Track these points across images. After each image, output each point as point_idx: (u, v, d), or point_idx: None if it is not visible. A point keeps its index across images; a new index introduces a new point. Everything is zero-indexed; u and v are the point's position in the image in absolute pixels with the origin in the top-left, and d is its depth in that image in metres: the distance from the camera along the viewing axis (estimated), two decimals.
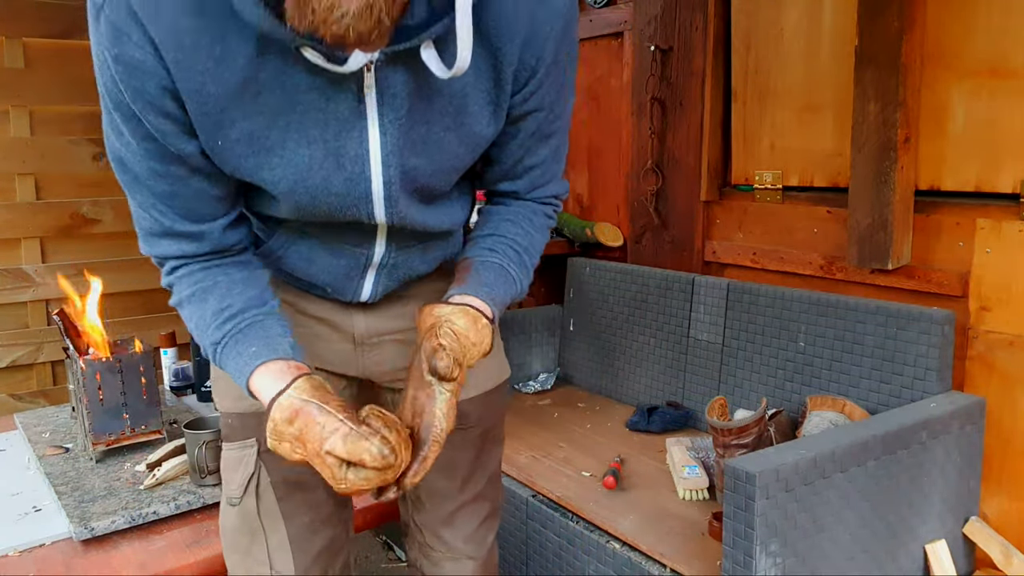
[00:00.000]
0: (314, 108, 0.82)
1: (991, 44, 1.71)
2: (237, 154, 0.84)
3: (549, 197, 1.05)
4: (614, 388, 2.50)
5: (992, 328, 1.76)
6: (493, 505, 1.23)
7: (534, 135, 0.95)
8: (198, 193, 0.88)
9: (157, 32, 0.74)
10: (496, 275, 0.97)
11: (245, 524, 1.08)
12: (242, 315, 0.90)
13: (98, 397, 1.62)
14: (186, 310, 0.93)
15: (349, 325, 1.09)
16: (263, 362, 0.85)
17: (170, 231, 0.89)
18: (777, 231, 2.22)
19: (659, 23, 2.43)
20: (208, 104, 0.79)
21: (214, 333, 0.89)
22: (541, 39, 0.85)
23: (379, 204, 0.90)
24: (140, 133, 0.81)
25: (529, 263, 1.02)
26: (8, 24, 2.82)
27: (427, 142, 0.88)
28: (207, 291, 0.91)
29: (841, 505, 1.45)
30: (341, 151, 0.85)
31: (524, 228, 1.02)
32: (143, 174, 0.85)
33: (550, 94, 0.91)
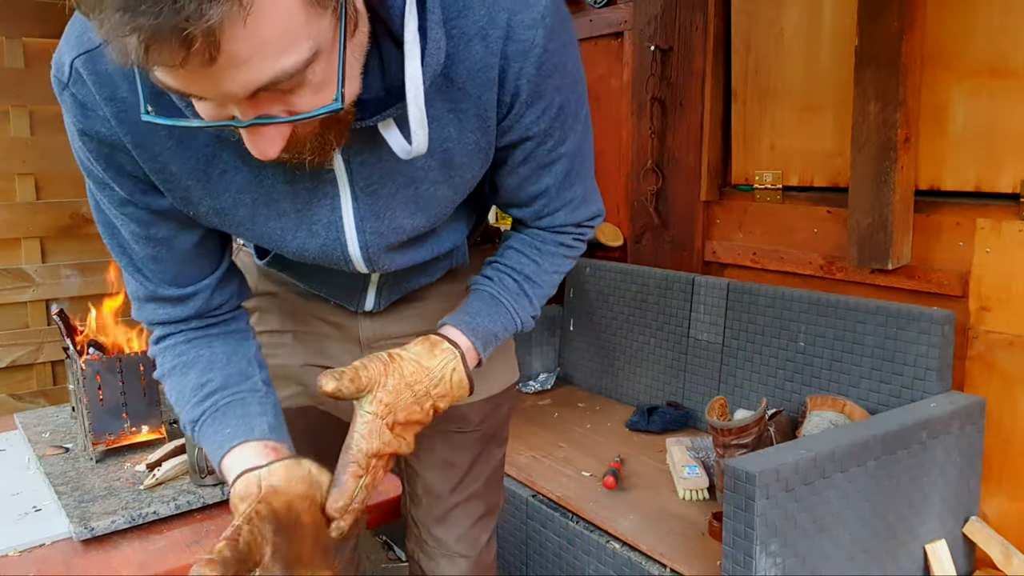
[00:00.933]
0: (281, 181, 0.80)
1: (991, 44, 1.71)
2: (212, 222, 0.84)
3: (563, 226, 0.98)
4: (614, 388, 2.50)
5: (992, 328, 1.76)
6: (488, 506, 1.24)
7: (528, 164, 0.89)
8: (182, 254, 0.87)
9: (112, 111, 0.74)
10: (484, 304, 0.93)
11: None
12: (221, 392, 0.87)
13: (98, 397, 1.62)
14: (168, 384, 0.91)
15: (355, 328, 1.09)
16: (236, 444, 0.82)
17: (155, 295, 0.88)
18: (777, 231, 2.22)
19: (659, 23, 2.43)
20: (172, 182, 0.79)
21: (192, 411, 0.87)
22: (513, 77, 0.79)
23: (359, 263, 0.89)
24: (116, 200, 0.81)
25: (532, 292, 0.97)
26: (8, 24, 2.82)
27: (417, 200, 0.85)
28: (188, 365, 0.89)
29: (841, 505, 1.44)
30: (313, 219, 0.84)
31: (529, 257, 0.97)
32: (126, 239, 0.85)
33: (538, 124, 0.84)
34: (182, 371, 0.89)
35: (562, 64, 0.81)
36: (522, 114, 0.82)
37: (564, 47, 0.81)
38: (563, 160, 0.90)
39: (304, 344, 1.09)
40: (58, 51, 0.74)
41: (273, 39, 0.56)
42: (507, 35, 0.76)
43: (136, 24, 0.51)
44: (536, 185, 0.92)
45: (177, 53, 0.53)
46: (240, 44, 0.55)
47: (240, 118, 0.62)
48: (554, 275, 0.99)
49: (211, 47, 0.53)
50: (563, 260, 1.00)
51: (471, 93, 0.78)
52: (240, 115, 0.62)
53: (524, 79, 0.79)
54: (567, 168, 0.92)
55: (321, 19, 0.59)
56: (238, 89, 0.58)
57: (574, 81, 0.86)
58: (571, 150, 0.90)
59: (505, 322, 0.94)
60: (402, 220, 0.86)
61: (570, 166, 0.92)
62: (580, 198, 0.96)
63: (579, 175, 0.94)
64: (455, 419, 1.12)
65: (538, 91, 0.81)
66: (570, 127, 0.88)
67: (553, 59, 0.79)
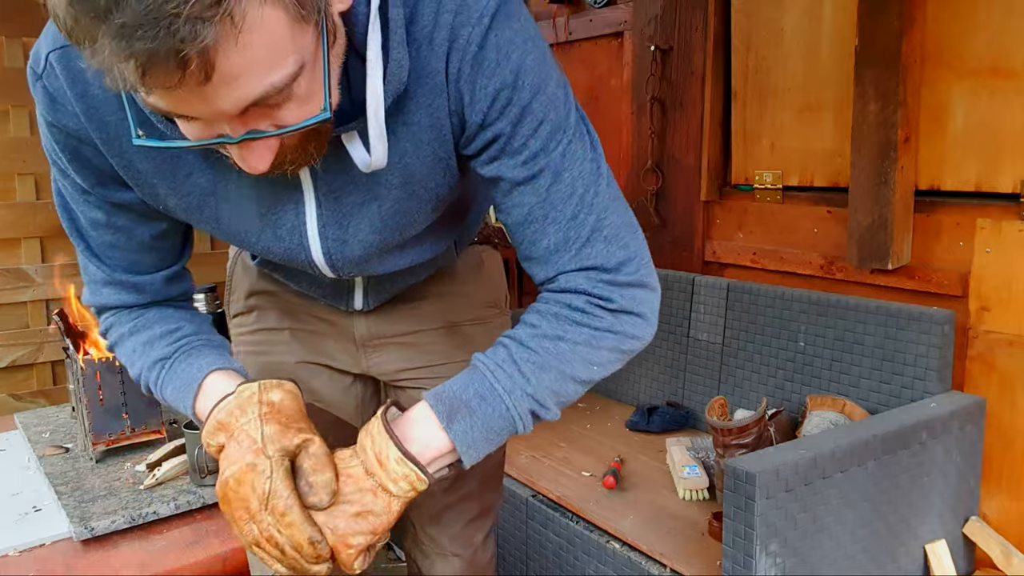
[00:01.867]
0: (247, 184, 0.81)
1: (991, 44, 1.71)
2: (180, 216, 0.86)
3: (575, 294, 0.80)
4: (614, 388, 2.50)
5: (992, 328, 1.76)
6: (483, 506, 1.24)
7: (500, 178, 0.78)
8: (140, 244, 0.88)
9: (82, 108, 0.75)
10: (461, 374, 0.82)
11: None
12: (196, 335, 0.89)
13: (98, 397, 1.62)
14: (127, 343, 0.91)
15: (349, 328, 1.09)
16: (219, 368, 0.84)
17: (111, 280, 0.90)
18: (777, 231, 2.22)
19: (659, 23, 2.43)
20: (139, 179, 0.81)
21: (163, 350, 0.88)
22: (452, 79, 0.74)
23: (324, 269, 0.89)
24: (79, 188, 0.83)
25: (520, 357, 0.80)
26: (8, 24, 2.82)
27: (384, 218, 0.82)
28: (151, 321, 0.91)
29: (841, 505, 1.44)
30: (278, 223, 0.84)
31: (526, 321, 0.82)
32: (86, 225, 0.86)
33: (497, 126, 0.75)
34: (144, 325, 0.91)
35: (508, 61, 0.73)
36: (478, 120, 0.75)
37: (510, 43, 0.73)
38: (543, 176, 0.77)
39: (301, 342, 1.09)
40: (36, 44, 0.76)
41: (263, 55, 0.57)
42: (450, 37, 0.72)
43: (132, 50, 0.52)
44: (521, 207, 0.78)
45: (173, 74, 0.54)
46: (232, 62, 0.56)
47: (231, 135, 0.63)
48: (561, 344, 0.80)
49: (206, 67, 0.54)
50: (576, 328, 0.80)
51: (422, 102, 0.75)
52: (231, 132, 0.63)
53: (463, 80, 0.73)
54: (551, 187, 0.77)
55: (304, 34, 0.60)
56: (229, 106, 0.59)
57: (535, 83, 0.74)
58: (553, 165, 0.76)
59: (480, 390, 0.78)
60: (367, 234, 0.84)
61: (555, 187, 0.77)
62: (589, 238, 0.78)
63: (583, 206, 0.78)
64: None
65: (485, 92, 0.73)
66: (544, 136, 0.76)
67: (492, 55, 0.72)
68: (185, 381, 0.85)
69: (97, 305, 0.92)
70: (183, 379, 0.86)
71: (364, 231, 0.84)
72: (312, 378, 1.10)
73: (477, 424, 0.78)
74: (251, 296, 1.11)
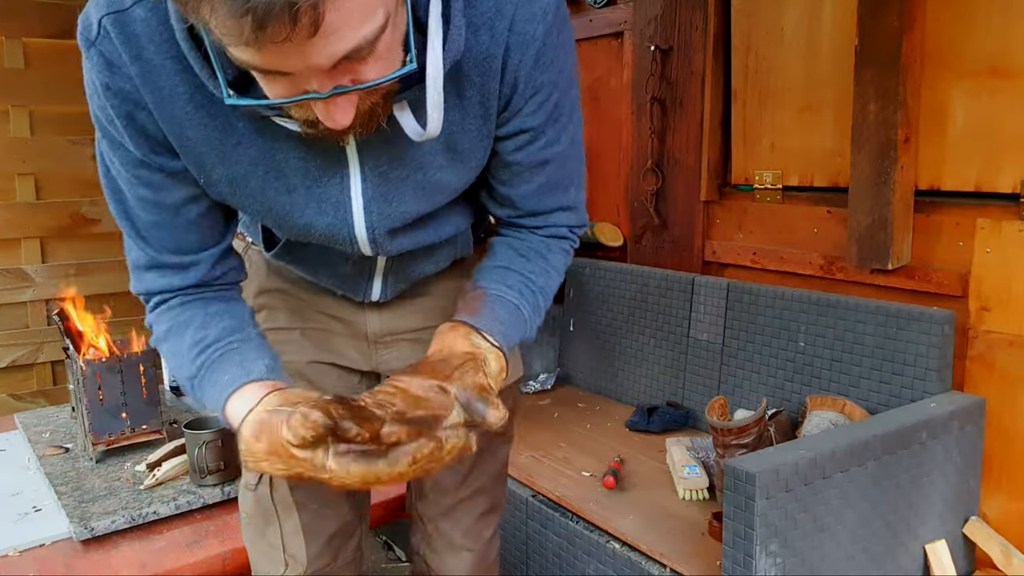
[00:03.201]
0: (294, 157, 0.82)
1: (991, 44, 1.71)
2: (222, 192, 0.85)
3: (560, 228, 0.99)
4: (614, 388, 2.50)
5: (992, 328, 1.76)
6: (494, 501, 1.25)
7: (521, 158, 0.91)
8: (187, 223, 0.87)
9: (138, 71, 0.76)
10: (510, 314, 0.91)
11: (260, 509, 1.11)
12: (216, 345, 0.87)
13: (98, 397, 1.62)
14: (165, 347, 0.91)
15: (362, 324, 1.10)
16: (236, 388, 0.81)
17: (156, 263, 0.88)
18: (777, 231, 2.22)
19: (659, 23, 2.43)
20: (187, 147, 0.81)
21: (189, 367, 0.87)
22: (512, 69, 0.82)
23: (364, 245, 0.91)
24: (130, 160, 0.82)
25: (543, 304, 0.97)
26: (8, 24, 2.82)
27: (424, 187, 0.88)
28: (184, 325, 0.89)
29: (841, 505, 1.44)
30: (323, 198, 0.85)
31: (540, 265, 0.97)
32: (133, 203, 0.85)
33: (534, 118, 0.87)
34: (178, 332, 0.89)
35: (558, 61, 0.84)
36: (520, 107, 0.85)
37: (562, 45, 0.84)
38: (556, 161, 0.92)
39: (311, 341, 1.10)
40: (85, 12, 0.77)
41: (359, 7, 0.60)
42: (511, 27, 0.79)
43: (250, 5, 0.55)
44: (529, 184, 0.93)
45: (285, 28, 0.56)
46: (335, 15, 0.58)
47: (319, 90, 0.65)
48: (556, 285, 1.00)
49: (316, 20, 0.57)
50: (562, 270, 1.00)
51: (475, 81, 0.82)
52: (319, 87, 0.65)
53: (522, 71, 0.82)
54: (560, 169, 0.93)
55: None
56: (324, 60, 0.62)
57: (569, 82, 0.88)
58: (563, 151, 0.92)
59: (522, 333, 0.93)
60: (409, 205, 0.88)
61: (563, 168, 0.94)
62: (574, 202, 0.99)
63: (573, 179, 0.97)
64: None
65: (535, 84, 0.84)
66: (563, 127, 0.90)
67: (550, 54, 0.83)
68: (214, 401, 0.84)
69: (143, 292, 0.92)
70: (211, 400, 0.85)
71: (407, 202, 0.88)
72: (321, 378, 1.10)
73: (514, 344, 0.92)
74: (260, 295, 1.10)
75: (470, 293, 0.93)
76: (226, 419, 0.82)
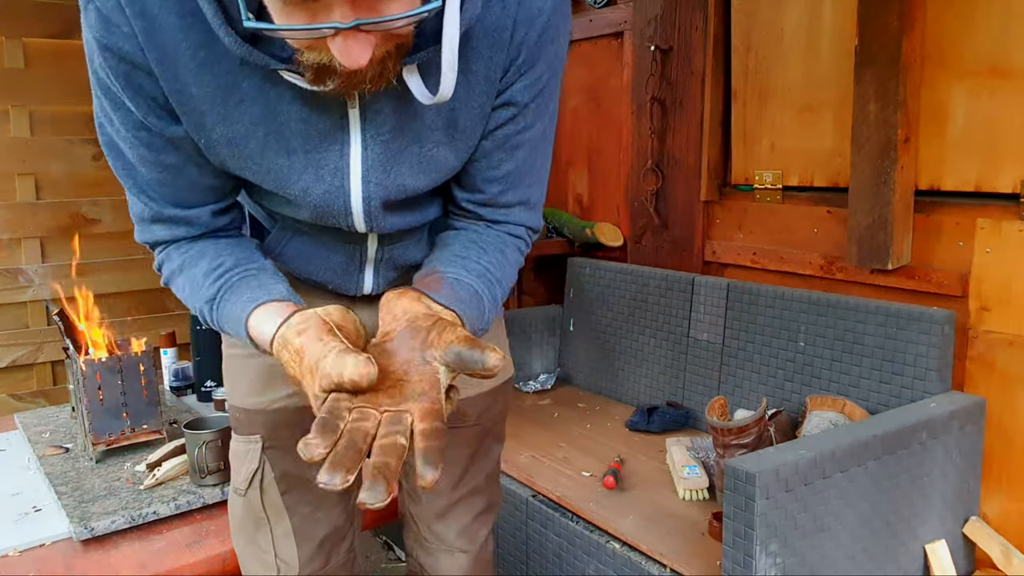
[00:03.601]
0: (296, 119, 0.81)
1: (991, 44, 1.71)
2: (221, 153, 0.85)
3: (518, 227, 0.98)
4: (614, 388, 2.50)
5: (992, 328, 1.76)
6: (488, 501, 1.24)
7: (497, 135, 0.90)
8: (189, 183, 0.87)
9: (140, 27, 0.74)
10: (470, 297, 0.87)
11: (250, 514, 1.10)
12: (234, 270, 0.87)
13: (98, 397, 1.62)
14: (178, 280, 0.90)
15: None
16: (260, 303, 0.81)
17: (160, 216, 0.89)
18: (777, 231, 2.22)
19: (659, 23, 2.43)
20: (189, 104, 0.80)
21: (208, 290, 0.86)
22: (517, 41, 0.83)
23: (359, 217, 0.90)
24: (130, 121, 0.81)
25: (500, 296, 0.93)
26: (8, 24, 2.82)
27: (421, 160, 0.88)
28: (198, 256, 0.89)
29: (841, 505, 1.44)
30: (321, 163, 0.85)
31: (497, 258, 0.94)
32: (134, 161, 0.85)
33: (524, 93, 0.87)
34: (192, 262, 0.89)
35: (558, 40, 0.87)
36: (513, 80, 0.86)
37: (564, 25, 0.87)
38: (527, 147, 0.92)
39: None
40: None
41: None
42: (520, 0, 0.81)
43: None
44: (497, 169, 0.93)
45: None
46: None
47: (341, 20, 0.64)
48: (511, 280, 0.97)
49: None
50: (515, 268, 0.98)
51: (483, 54, 0.83)
52: (341, 17, 0.64)
53: (526, 44, 0.84)
54: (529, 158, 0.93)
55: None
56: None
57: (560, 67, 0.90)
58: (536, 140, 0.93)
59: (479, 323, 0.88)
60: (406, 178, 0.88)
61: (532, 159, 0.94)
62: (535, 201, 0.98)
63: (538, 176, 0.97)
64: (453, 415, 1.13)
65: (532, 59, 0.85)
66: (542, 113, 0.91)
67: (552, 31, 0.85)
68: (233, 320, 0.83)
69: (150, 242, 0.92)
70: (231, 317, 0.84)
71: (404, 175, 0.88)
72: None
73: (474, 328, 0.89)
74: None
75: (426, 276, 0.88)
76: (249, 335, 0.81)
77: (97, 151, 2.99)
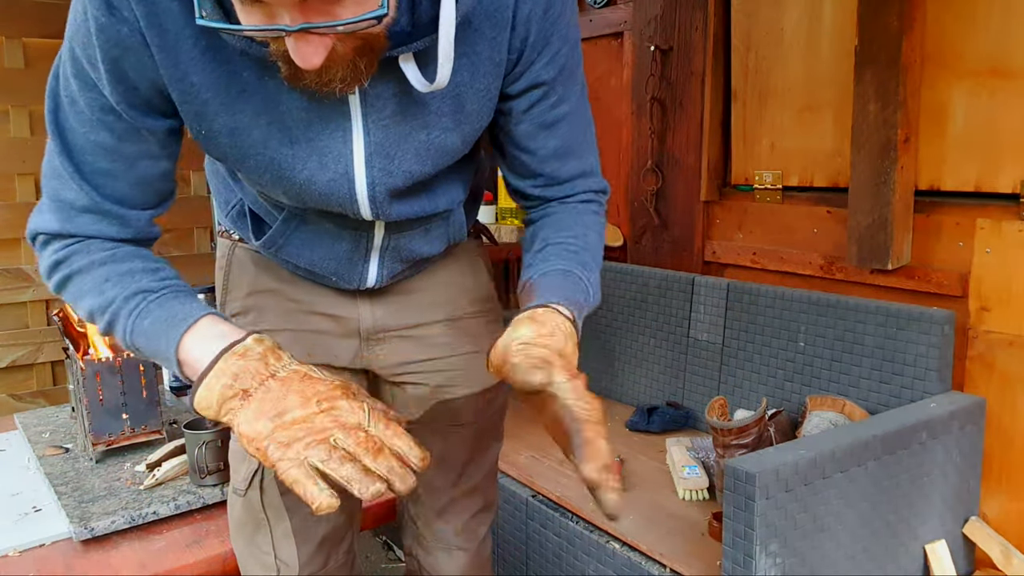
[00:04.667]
0: (297, 107, 0.81)
1: (991, 44, 1.71)
2: (221, 144, 0.84)
3: (586, 193, 1.00)
4: (614, 388, 2.50)
5: (992, 328, 1.76)
6: (487, 500, 1.25)
7: (532, 115, 0.91)
8: (138, 179, 0.84)
9: (142, 12, 0.74)
10: (557, 280, 0.89)
11: (250, 515, 1.10)
12: (181, 282, 0.84)
13: (98, 397, 1.62)
14: (97, 271, 0.82)
15: (355, 319, 1.09)
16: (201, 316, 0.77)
17: (95, 207, 0.83)
18: (777, 231, 2.22)
19: (659, 23, 2.43)
20: (190, 93, 0.79)
21: (149, 283, 0.81)
22: (523, 19, 0.83)
23: (364, 204, 0.90)
24: (99, 105, 0.79)
25: (592, 261, 0.94)
26: (8, 24, 2.82)
27: (429, 147, 0.88)
28: (132, 255, 0.84)
29: (841, 505, 1.44)
30: (324, 151, 0.85)
31: (573, 230, 0.95)
32: (86, 147, 0.81)
33: (547, 71, 0.88)
34: (126, 258, 0.83)
35: (565, 14, 0.87)
36: (532, 60, 0.87)
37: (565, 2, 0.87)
38: (567, 120, 0.93)
39: (301, 343, 1.09)
40: None
41: None
42: None
43: None
44: (545, 147, 0.94)
45: None
46: None
47: (289, 24, 0.65)
48: (598, 243, 0.99)
49: None
50: (600, 230, 1.00)
51: (486, 35, 0.83)
52: (290, 21, 0.65)
53: (533, 21, 0.84)
54: (572, 130, 0.94)
55: None
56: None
57: (575, 40, 0.91)
58: (573, 111, 0.93)
59: (579, 288, 0.90)
60: (411, 164, 0.88)
61: (575, 129, 0.95)
62: (592, 168, 0.99)
63: (587, 146, 0.98)
64: (450, 414, 1.13)
65: (545, 36, 0.86)
66: (572, 85, 0.92)
67: (557, 6, 0.85)
68: (174, 315, 0.78)
69: (65, 232, 0.84)
70: (171, 314, 0.78)
71: (409, 161, 0.88)
72: None
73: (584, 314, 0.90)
74: (250, 296, 1.09)
75: (520, 294, 0.91)
76: (180, 349, 0.75)
77: None
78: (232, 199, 1.06)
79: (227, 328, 0.77)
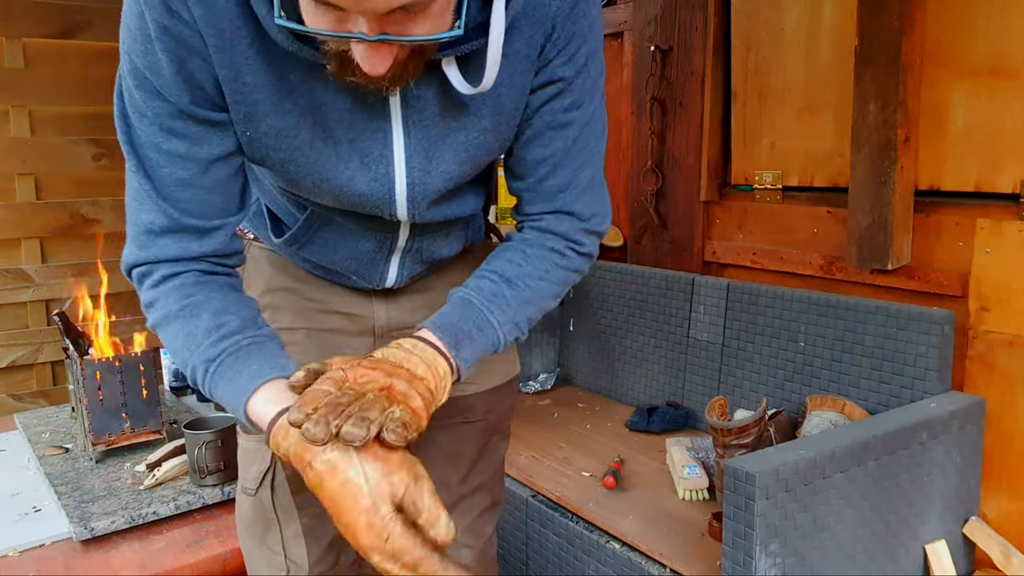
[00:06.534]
0: (340, 108, 0.83)
1: (991, 44, 1.71)
2: (265, 146, 0.84)
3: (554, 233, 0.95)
4: (614, 388, 2.50)
5: (992, 328, 1.76)
6: (494, 498, 1.25)
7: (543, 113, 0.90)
8: (215, 182, 0.84)
9: (201, 13, 0.75)
10: (454, 306, 0.89)
11: (260, 514, 1.09)
12: (241, 334, 0.83)
13: (98, 397, 1.62)
14: (172, 327, 0.84)
15: (370, 317, 1.09)
16: (266, 380, 0.78)
17: (177, 225, 0.84)
18: (777, 231, 2.22)
19: (659, 23, 2.43)
20: (242, 93, 0.80)
21: (208, 350, 0.82)
22: (551, 15, 0.84)
23: (402, 205, 0.90)
24: (167, 112, 0.80)
25: (511, 295, 0.91)
26: (8, 24, 2.82)
27: (468, 148, 0.88)
28: (199, 306, 0.84)
29: (841, 505, 1.44)
30: (366, 152, 0.86)
31: (513, 261, 0.93)
32: (160, 160, 0.82)
33: (565, 68, 0.87)
34: (192, 312, 0.84)
35: (590, 13, 0.87)
36: (552, 56, 0.86)
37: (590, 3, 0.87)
38: (575, 126, 0.92)
39: (316, 343, 1.09)
40: None
41: None
42: None
43: None
44: (546, 147, 0.92)
45: None
46: None
47: (367, 33, 0.66)
48: (542, 282, 0.94)
49: None
50: (554, 268, 0.95)
51: (524, 32, 0.83)
52: (367, 30, 0.66)
53: (559, 17, 0.84)
54: (577, 138, 0.92)
55: None
56: (381, 5, 0.64)
57: (597, 42, 0.90)
58: (584, 119, 0.92)
59: (479, 322, 0.88)
60: (450, 165, 0.89)
61: (580, 139, 0.93)
62: (585, 187, 0.95)
63: (588, 159, 0.95)
64: (460, 410, 1.13)
65: (568, 33, 0.85)
66: (590, 89, 0.91)
67: (584, 3, 0.85)
68: (233, 391, 0.80)
69: (151, 260, 0.85)
70: (231, 388, 0.80)
71: (448, 162, 0.88)
72: None
73: (476, 350, 0.88)
74: (266, 294, 1.09)
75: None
76: (248, 413, 0.78)
77: (97, 151, 2.99)
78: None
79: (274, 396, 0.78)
